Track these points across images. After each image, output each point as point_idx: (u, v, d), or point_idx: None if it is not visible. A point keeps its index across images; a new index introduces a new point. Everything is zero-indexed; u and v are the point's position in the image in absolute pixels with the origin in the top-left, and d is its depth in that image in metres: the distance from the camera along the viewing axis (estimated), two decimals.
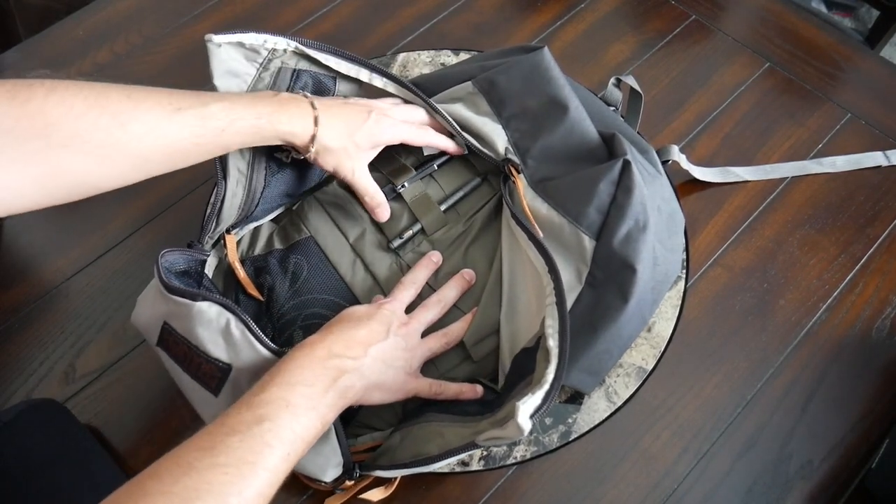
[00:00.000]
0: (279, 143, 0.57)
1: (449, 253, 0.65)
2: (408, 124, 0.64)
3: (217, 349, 0.52)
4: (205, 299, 0.52)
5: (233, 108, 0.53)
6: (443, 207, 0.66)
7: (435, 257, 0.63)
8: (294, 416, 0.46)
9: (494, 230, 0.65)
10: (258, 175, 0.62)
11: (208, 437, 0.43)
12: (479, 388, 0.59)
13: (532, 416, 0.45)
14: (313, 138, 0.58)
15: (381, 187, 0.65)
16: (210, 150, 0.54)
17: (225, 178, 0.60)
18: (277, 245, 0.66)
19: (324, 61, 0.62)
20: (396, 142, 0.63)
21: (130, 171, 0.51)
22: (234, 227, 0.63)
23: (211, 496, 0.40)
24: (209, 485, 0.41)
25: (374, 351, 0.53)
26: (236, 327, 0.52)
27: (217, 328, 0.52)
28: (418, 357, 0.57)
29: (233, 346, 0.52)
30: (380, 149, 0.64)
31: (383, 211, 0.64)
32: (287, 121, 0.56)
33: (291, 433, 0.45)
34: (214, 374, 0.52)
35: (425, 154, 0.69)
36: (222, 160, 0.59)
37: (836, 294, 0.69)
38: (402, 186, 0.66)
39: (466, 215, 0.66)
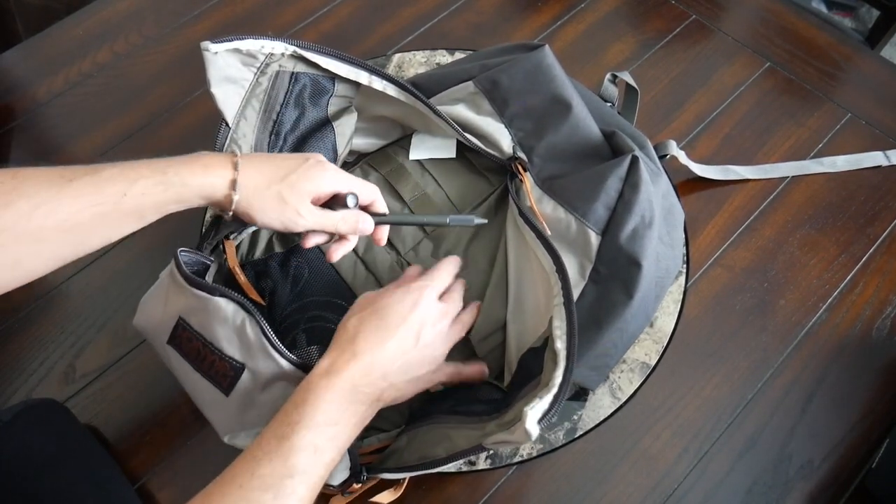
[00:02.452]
0: (199, 201, 0.52)
1: (449, 249, 0.65)
2: (354, 176, 0.57)
3: (232, 347, 0.52)
4: (223, 295, 0.51)
5: (132, 168, 0.49)
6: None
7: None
8: (322, 459, 0.47)
9: (494, 226, 0.65)
10: None
11: (240, 492, 0.44)
12: (484, 369, 0.59)
13: (540, 421, 0.45)
14: (233, 183, 0.51)
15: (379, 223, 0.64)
16: (118, 220, 0.49)
17: None
18: (277, 248, 0.66)
19: (322, 64, 0.62)
20: (342, 189, 0.55)
21: (26, 257, 0.45)
22: (232, 231, 0.63)
23: None
24: None
25: (397, 369, 0.51)
26: (251, 328, 0.51)
27: (232, 326, 0.51)
28: (446, 353, 0.56)
29: (246, 345, 0.51)
30: (322, 200, 0.55)
31: (368, 226, 0.57)
32: (201, 171, 0.51)
33: (321, 475, 0.47)
34: (227, 373, 0.52)
35: (424, 155, 0.69)
36: None
37: (836, 294, 0.69)
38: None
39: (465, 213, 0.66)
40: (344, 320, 0.53)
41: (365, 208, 0.58)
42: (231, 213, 0.53)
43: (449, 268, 0.57)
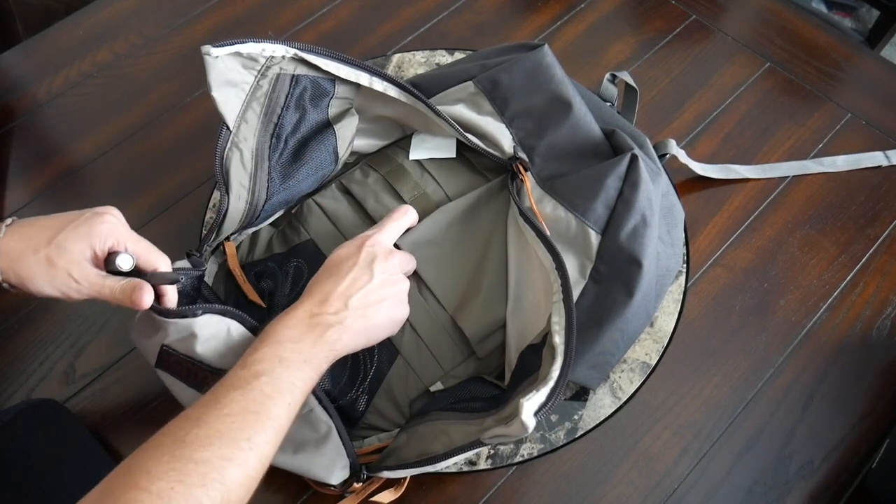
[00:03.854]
0: None
1: (444, 242, 0.64)
2: (137, 236, 0.52)
3: (221, 359, 0.52)
4: (204, 312, 0.52)
5: None
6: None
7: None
8: (288, 368, 0.47)
9: (486, 221, 0.65)
10: (261, 188, 0.61)
11: (211, 395, 0.46)
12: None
13: (537, 414, 0.45)
14: None
15: (369, 201, 0.64)
16: None
17: (227, 192, 0.59)
18: (277, 249, 0.66)
19: (323, 66, 0.62)
20: (119, 244, 0.50)
21: None
22: (233, 233, 0.63)
23: (222, 441, 0.43)
24: (219, 432, 0.43)
25: (355, 301, 0.52)
26: (236, 330, 0.52)
27: (217, 336, 0.52)
28: (406, 289, 0.57)
29: (235, 349, 0.52)
30: (103, 253, 0.50)
31: (144, 300, 0.49)
32: None
33: (289, 384, 0.47)
34: None
35: (424, 155, 0.69)
36: (225, 174, 0.59)
37: (836, 294, 0.69)
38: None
39: None
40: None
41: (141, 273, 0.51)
42: (7, 286, 0.48)
43: (396, 215, 0.59)
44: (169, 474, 0.40)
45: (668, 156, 0.71)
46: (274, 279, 0.63)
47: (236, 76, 0.58)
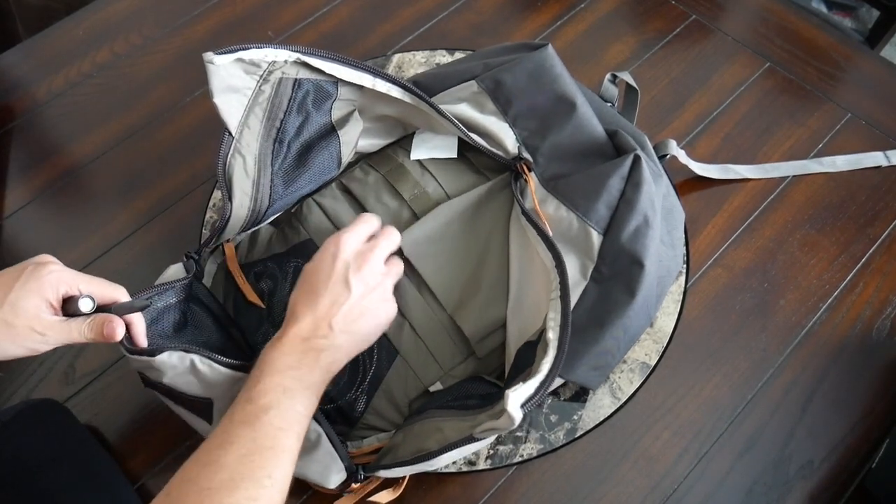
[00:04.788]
0: None
1: (442, 239, 0.64)
2: (86, 276, 0.52)
3: (193, 388, 0.53)
4: (162, 351, 0.52)
5: None
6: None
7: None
8: (293, 398, 0.49)
9: (486, 220, 0.65)
10: (263, 194, 0.61)
11: (224, 436, 0.46)
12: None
13: (524, 406, 0.45)
14: None
15: (375, 192, 0.63)
16: None
17: (230, 199, 0.59)
18: (276, 248, 0.66)
19: (326, 70, 0.61)
20: (73, 288, 0.50)
21: None
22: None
23: (246, 483, 0.44)
24: (241, 475, 0.44)
25: (338, 320, 0.52)
26: (202, 363, 0.53)
27: (184, 372, 0.53)
28: (388, 287, 0.57)
29: (205, 381, 0.53)
30: (58, 302, 0.49)
31: (116, 332, 0.49)
32: None
33: (295, 413, 0.48)
34: (201, 409, 0.55)
35: (426, 155, 0.69)
36: (228, 181, 0.59)
37: (836, 294, 0.69)
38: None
39: None
40: (289, 303, 0.55)
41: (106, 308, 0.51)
42: None
43: (367, 217, 0.58)
44: None
45: (668, 156, 0.71)
46: (273, 279, 0.63)
47: (238, 82, 0.58)
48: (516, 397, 0.45)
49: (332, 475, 0.54)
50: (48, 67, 0.85)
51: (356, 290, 0.53)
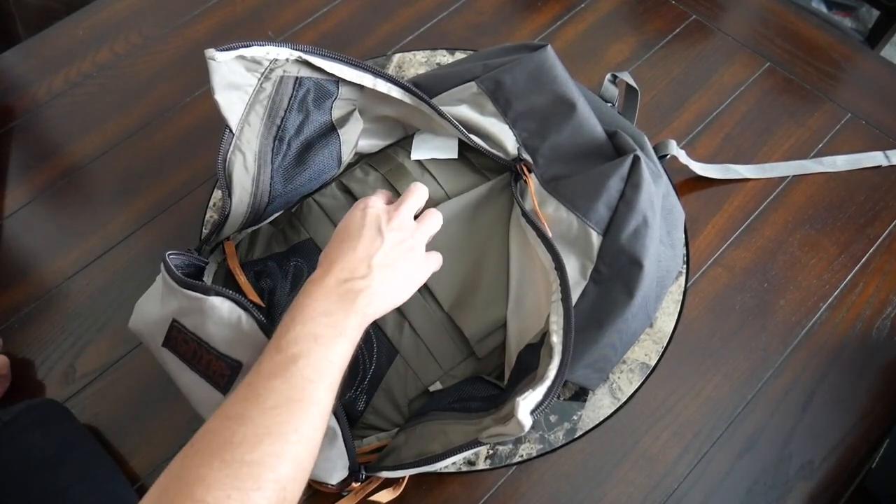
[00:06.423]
0: None
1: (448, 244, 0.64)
2: None
3: (228, 346, 0.52)
4: (217, 294, 0.52)
5: None
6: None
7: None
8: (325, 346, 0.46)
9: (486, 222, 0.65)
10: (263, 191, 0.61)
11: (250, 388, 0.44)
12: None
13: (533, 413, 0.45)
14: None
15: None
16: None
17: (230, 196, 0.59)
18: (276, 248, 0.66)
19: (327, 69, 0.61)
20: None
21: None
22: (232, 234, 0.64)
23: (271, 438, 0.42)
24: (267, 428, 0.42)
25: (377, 261, 0.52)
26: (247, 322, 0.52)
27: (229, 324, 0.52)
28: (420, 241, 0.56)
29: (243, 342, 0.52)
30: None
31: None
32: None
33: (328, 363, 0.46)
34: (224, 372, 0.52)
35: (426, 155, 0.69)
36: (228, 178, 0.59)
37: (836, 294, 0.69)
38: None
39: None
40: (319, 261, 0.54)
41: None
42: None
43: (383, 191, 0.60)
44: (223, 482, 0.40)
45: (668, 156, 0.71)
46: (273, 278, 0.63)
47: (239, 79, 0.58)
48: (526, 405, 0.45)
49: (336, 472, 0.54)
50: (48, 67, 0.85)
51: (389, 237, 0.53)
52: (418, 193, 0.59)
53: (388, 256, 0.53)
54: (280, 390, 0.44)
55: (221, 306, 0.52)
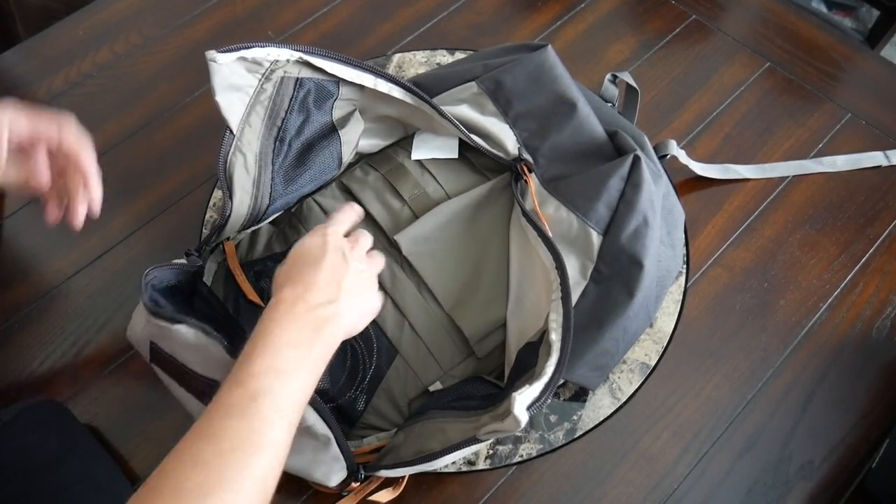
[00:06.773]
0: None
1: (440, 238, 0.64)
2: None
3: (203, 367, 0.53)
4: (182, 322, 0.51)
5: None
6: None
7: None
8: (286, 382, 0.45)
9: (486, 221, 0.65)
10: (264, 192, 0.61)
11: (208, 423, 0.43)
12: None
13: (529, 408, 0.45)
14: None
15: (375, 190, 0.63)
16: None
17: (231, 197, 0.59)
18: (277, 248, 0.66)
19: (328, 69, 0.61)
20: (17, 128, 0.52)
21: None
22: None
23: (224, 485, 0.40)
24: (220, 475, 0.41)
25: (345, 286, 0.50)
26: (214, 348, 0.51)
27: (197, 348, 0.52)
28: (374, 274, 0.55)
29: (215, 364, 0.52)
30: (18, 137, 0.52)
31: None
32: None
33: (290, 401, 0.45)
34: (205, 390, 0.53)
35: (427, 155, 0.69)
36: (228, 179, 0.59)
37: (836, 294, 0.69)
38: None
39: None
40: (274, 281, 0.52)
41: None
42: None
43: (347, 210, 0.57)
44: None
45: (668, 156, 0.71)
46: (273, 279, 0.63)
47: (240, 80, 0.58)
48: (522, 400, 0.45)
49: (335, 475, 0.54)
50: (48, 67, 0.85)
51: (353, 266, 0.52)
52: (367, 237, 0.57)
53: (354, 284, 0.51)
54: (237, 430, 0.42)
55: (187, 334, 0.51)
